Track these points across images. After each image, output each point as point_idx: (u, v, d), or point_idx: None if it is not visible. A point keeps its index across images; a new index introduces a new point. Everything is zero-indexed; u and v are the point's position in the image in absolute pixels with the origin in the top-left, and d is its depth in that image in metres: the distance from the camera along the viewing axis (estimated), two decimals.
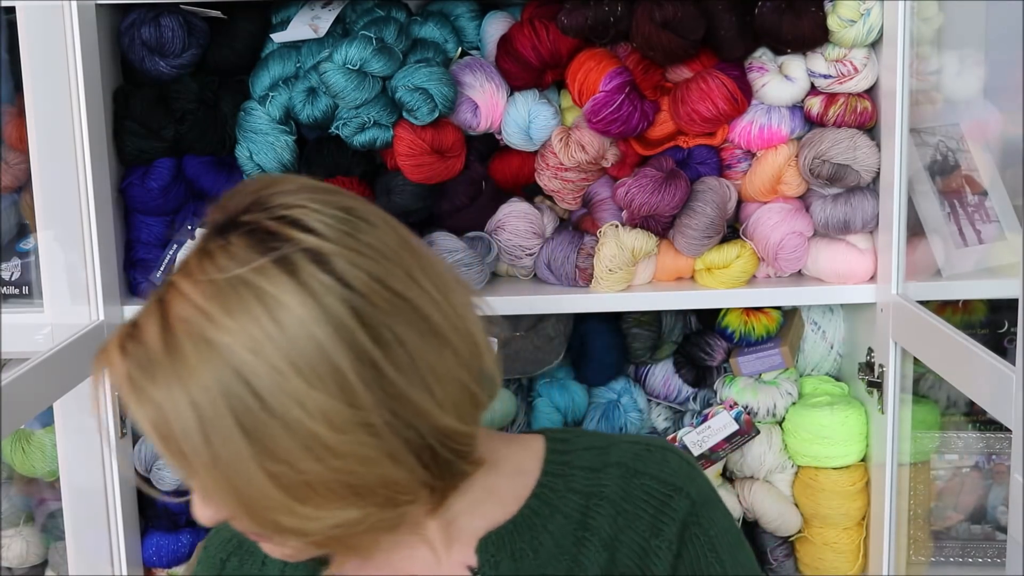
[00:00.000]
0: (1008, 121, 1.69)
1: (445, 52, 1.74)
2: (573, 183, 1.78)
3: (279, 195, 0.90)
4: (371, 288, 0.86)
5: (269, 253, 0.85)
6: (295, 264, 0.85)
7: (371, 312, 0.86)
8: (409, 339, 0.88)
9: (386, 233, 0.91)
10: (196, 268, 0.87)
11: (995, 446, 1.81)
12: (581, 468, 1.07)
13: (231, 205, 0.91)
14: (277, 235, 0.87)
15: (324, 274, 0.85)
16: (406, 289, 0.88)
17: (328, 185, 0.95)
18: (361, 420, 0.86)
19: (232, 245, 0.87)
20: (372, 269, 0.87)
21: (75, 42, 1.56)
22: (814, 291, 1.77)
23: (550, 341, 1.80)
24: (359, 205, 0.92)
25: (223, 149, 1.73)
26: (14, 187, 1.73)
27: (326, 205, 0.89)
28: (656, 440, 1.12)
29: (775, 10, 1.66)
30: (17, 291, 1.73)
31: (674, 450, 1.10)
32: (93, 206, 1.61)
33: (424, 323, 0.89)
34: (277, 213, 0.88)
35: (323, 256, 0.86)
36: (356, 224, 0.89)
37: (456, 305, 0.93)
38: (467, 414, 0.93)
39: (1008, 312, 1.70)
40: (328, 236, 0.87)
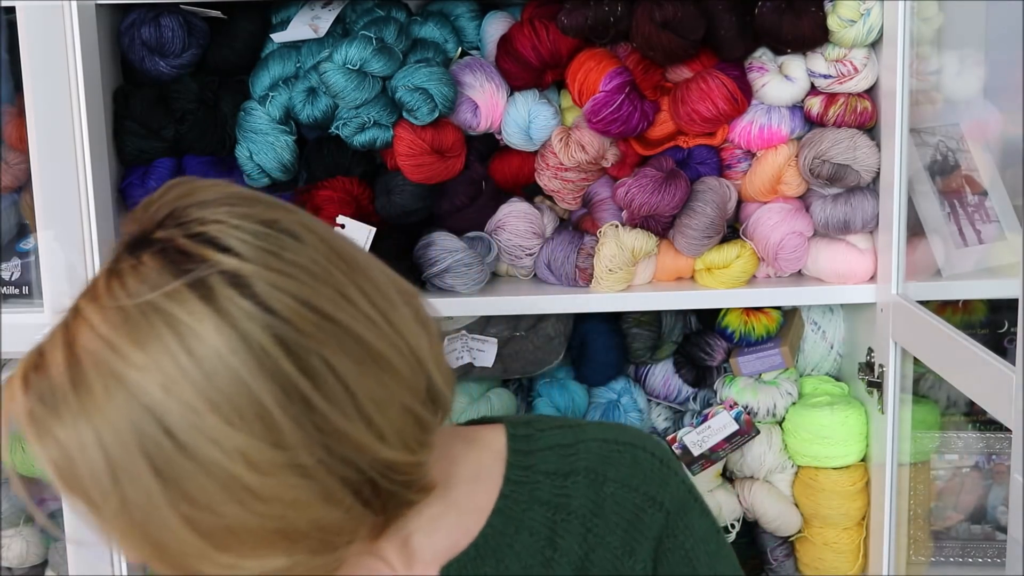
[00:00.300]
0: (1008, 121, 1.68)
1: (445, 52, 1.74)
2: (573, 183, 1.78)
3: (195, 208, 0.82)
4: (296, 312, 0.79)
5: (183, 276, 0.78)
6: (211, 288, 0.78)
7: (297, 339, 0.78)
8: (342, 367, 0.80)
9: (314, 248, 0.83)
10: (104, 291, 0.80)
11: (995, 446, 1.81)
12: (546, 474, 0.99)
13: (146, 217, 0.84)
14: (191, 255, 0.79)
15: (243, 299, 0.78)
16: (336, 310, 0.80)
17: (252, 193, 0.86)
18: (289, 461, 0.78)
19: (144, 266, 0.79)
20: (297, 291, 0.79)
21: (75, 42, 1.56)
22: (814, 291, 1.77)
23: (550, 341, 1.80)
24: (283, 216, 0.84)
25: (223, 149, 1.73)
26: (14, 187, 1.73)
27: (246, 219, 0.81)
28: (626, 433, 1.03)
29: (775, 10, 1.66)
30: (17, 291, 1.73)
31: (645, 446, 1.02)
32: (93, 206, 1.61)
33: (359, 347, 0.81)
34: (192, 230, 0.80)
35: (242, 279, 0.78)
36: (279, 240, 0.81)
37: (396, 321, 0.84)
38: (413, 440, 0.85)
39: (1008, 312, 1.70)
40: (247, 256, 0.79)
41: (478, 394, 1.84)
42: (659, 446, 1.03)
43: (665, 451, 1.03)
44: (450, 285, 1.74)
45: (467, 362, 1.77)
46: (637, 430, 1.06)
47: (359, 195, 1.74)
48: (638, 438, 1.03)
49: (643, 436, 1.04)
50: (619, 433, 1.03)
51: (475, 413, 1.81)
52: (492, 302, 1.74)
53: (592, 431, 1.03)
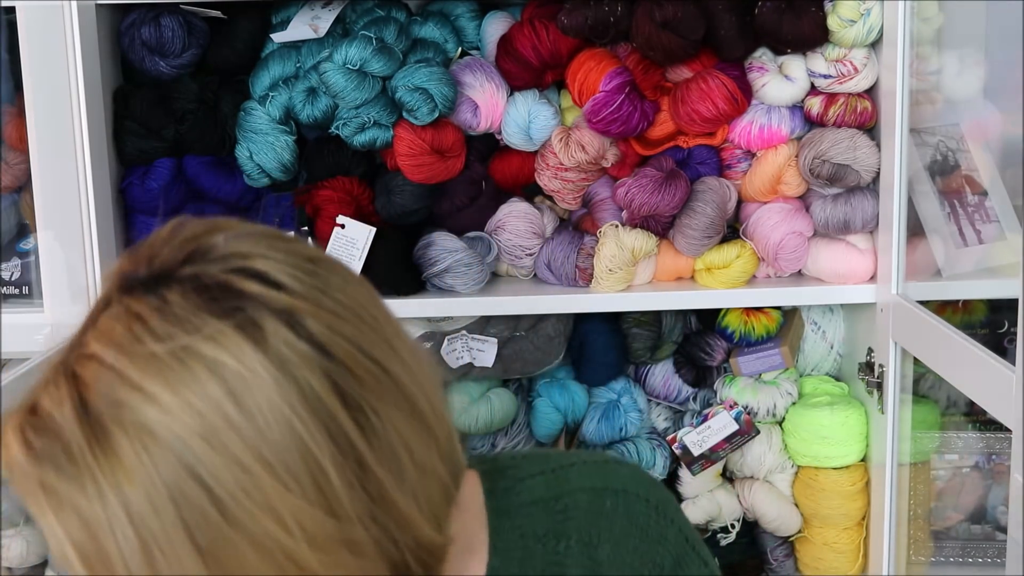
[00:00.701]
0: (1008, 121, 1.68)
1: (445, 52, 1.74)
2: (573, 183, 1.78)
3: (228, 241, 0.72)
4: (353, 358, 0.69)
5: (227, 315, 0.67)
6: (262, 328, 0.67)
7: (354, 388, 0.68)
8: (394, 423, 0.70)
9: (358, 290, 0.74)
10: (124, 335, 0.68)
11: (995, 446, 1.81)
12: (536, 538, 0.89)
13: (159, 257, 0.71)
14: (236, 291, 0.68)
15: (300, 340, 0.67)
16: (387, 359, 0.71)
17: (279, 231, 0.76)
18: (343, 535, 0.67)
19: (171, 305, 0.68)
20: (352, 334, 0.70)
21: (75, 42, 1.56)
22: (814, 291, 1.77)
23: (550, 341, 1.80)
24: (322, 255, 0.75)
25: (223, 149, 1.73)
26: (14, 187, 1.73)
27: (291, 254, 0.71)
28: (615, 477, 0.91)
29: (775, 10, 1.66)
30: (17, 291, 1.73)
31: (639, 492, 0.91)
32: (93, 206, 1.61)
33: (407, 403, 0.71)
34: (234, 264, 0.70)
35: (296, 318, 0.68)
36: (326, 278, 0.72)
37: (425, 377, 0.75)
38: (443, 519, 0.76)
39: (1008, 312, 1.70)
40: (300, 292, 0.69)
41: (478, 394, 1.84)
42: (652, 487, 0.93)
43: (659, 493, 0.93)
44: (450, 285, 1.74)
45: (467, 362, 1.77)
46: (625, 467, 0.94)
47: (359, 195, 1.74)
48: (629, 481, 0.92)
49: (633, 477, 0.93)
50: (607, 478, 0.91)
51: (475, 413, 1.81)
52: (492, 302, 1.74)
53: (577, 478, 0.91)
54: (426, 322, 1.79)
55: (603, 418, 1.85)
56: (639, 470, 0.96)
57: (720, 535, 1.89)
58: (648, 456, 1.85)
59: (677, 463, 1.86)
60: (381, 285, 1.72)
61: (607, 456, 0.96)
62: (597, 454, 0.97)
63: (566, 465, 0.92)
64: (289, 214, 1.75)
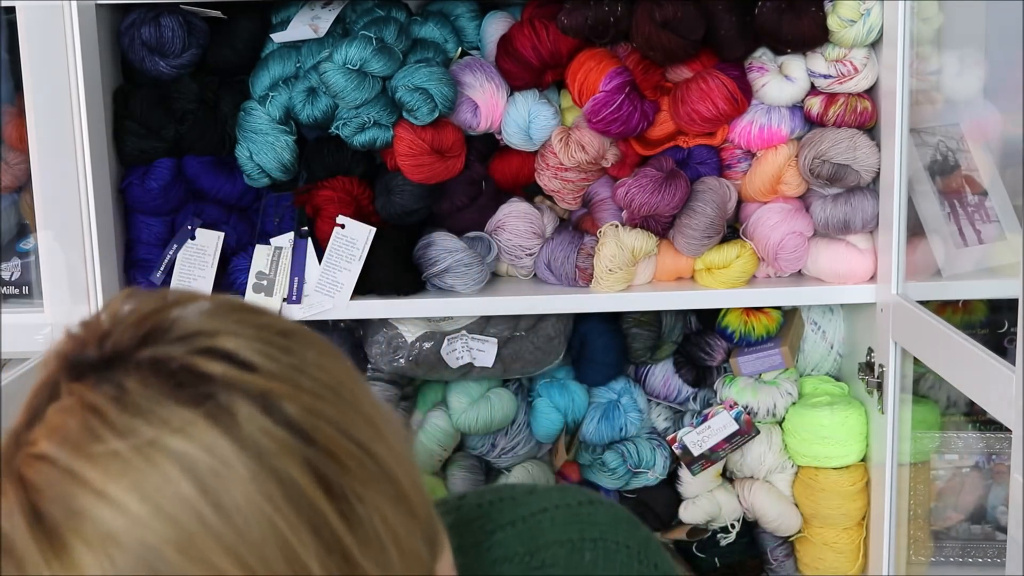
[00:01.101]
0: (1008, 121, 1.68)
1: (445, 52, 1.74)
2: (573, 183, 1.78)
3: (189, 317, 0.64)
4: (336, 442, 0.62)
5: (197, 402, 0.59)
6: (235, 415, 0.59)
7: (338, 476, 0.61)
8: (381, 510, 0.63)
9: (336, 364, 0.67)
10: (79, 431, 0.59)
11: (995, 446, 1.81)
12: None
13: (112, 337, 0.62)
14: (201, 374, 0.60)
15: (277, 426, 0.60)
16: (372, 441, 0.64)
17: (243, 301, 0.68)
18: None
19: (130, 394, 0.60)
20: (334, 415, 0.63)
21: (75, 42, 1.56)
22: (814, 291, 1.77)
23: (550, 341, 1.80)
24: (295, 327, 0.67)
25: (223, 149, 1.73)
26: (14, 187, 1.73)
27: (262, 329, 0.64)
28: (591, 526, 0.86)
29: (775, 10, 1.66)
30: (17, 291, 1.73)
31: (618, 538, 0.86)
32: (93, 206, 1.61)
33: (392, 487, 0.64)
34: (197, 344, 0.62)
35: (272, 401, 0.61)
36: (302, 354, 0.65)
37: (409, 456, 0.68)
38: None
39: (1008, 312, 1.70)
40: (275, 372, 0.62)
41: (478, 394, 1.84)
42: (631, 530, 0.88)
43: (638, 535, 0.88)
44: (450, 285, 1.74)
45: (467, 362, 1.77)
46: (601, 510, 0.88)
47: (359, 195, 1.74)
48: (608, 527, 0.86)
49: (610, 521, 0.87)
50: (583, 527, 0.86)
51: (475, 413, 1.81)
52: (492, 302, 1.74)
53: (551, 528, 0.85)
54: (426, 322, 1.79)
55: (603, 418, 1.85)
56: (616, 510, 0.90)
57: (720, 535, 1.89)
58: (648, 456, 1.85)
59: (677, 463, 1.87)
60: (381, 285, 1.72)
61: (579, 496, 0.89)
62: (569, 493, 0.90)
63: (537, 512, 0.87)
64: (289, 214, 1.75)
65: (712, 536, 1.89)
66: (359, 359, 1.82)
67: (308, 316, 1.72)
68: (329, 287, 1.71)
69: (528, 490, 0.91)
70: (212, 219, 1.74)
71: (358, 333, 1.84)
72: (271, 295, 1.71)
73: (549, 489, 0.91)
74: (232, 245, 1.75)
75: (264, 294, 1.71)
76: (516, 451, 1.86)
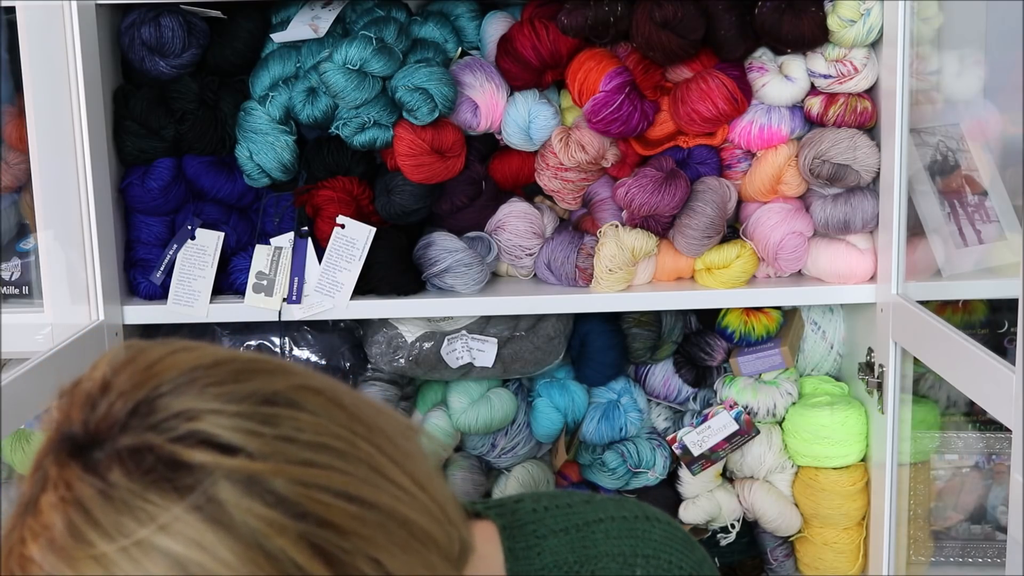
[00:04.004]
0: (1008, 121, 1.68)
1: (445, 52, 1.74)
2: (573, 183, 1.78)
3: (171, 395, 0.62)
4: (333, 508, 0.60)
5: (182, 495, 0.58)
6: (221, 503, 0.58)
7: (339, 544, 0.60)
8: (393, 563, 0.62)
9: (328, 415, 0.64)
10: (64, 533, 0.58)
11: (995, 446, 1.81)
12: None
13: (98, 412, 0.62)
14: (184, 464, 0.59)
15: (265, 507, 0.58)
16: (376, 493, 0.62)
17: (229, 355, 0.66)
18: None
19: (116, 488, 0.58)
20: (328, 481, 0.61)
21: (75, 42, 1.56)
22: (814, 291, 1.77)
23: (550, 341, 1.80)
24: (283, 384, 0.64)
25: (223, 149, 1.73)
26: (14, 187, 1.73)
27: (242, 401, 0.62)
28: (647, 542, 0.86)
29: (775, 10, 1.66)
30: (17, 291, 1.73)
31: (671, 559, 0.86)
32: (93, 206, 1.61)
33: (404, 530, 0.63)
34: (178, 431, 0.60)
35: (258, 481, 0.59)
36: (290, 419, 0.62)
37: (424, 480, 0.66)
38: None
39: (1008, 312, 1.70)
40: (258, 451, 0.60)
41: (478, 394, 1.84)
42: (686, 550, 0.87)
43: (692, 556, 0.87)
44: (450, 285, 1.74)
45: (467, 362, 1.77)
46: (657, 527, 0.87)
47: (359, 195, 1.74)
48: (661, 546, 0.86)
49: (665, 539, 0.86)
50: (637, 543, 0.85)
51: (475, 413, 1.81)
52: (492, 302, 1.74)
53: (604, 541, 0.85)
54: (426, 322, 1.79)
55: (603, 418, 1.85)
56: (672, 529, 0.88)
57: (720, 535, 1.89)
58: (648, 456, 1.85)
59: (677, 463, 1.87)
60: (381, 285, 1.72)
61: (636, 510, 0.88)
62: (626, 507, 0.88)
63: (592, 522, 0.86)
64: (289, 214, 1.75)
65: (712, 536, 1.89)
66: (359, 359, 1.82)
67: (308, 316, 1.72)
68: (329, 287, 1.71)
69: (585, 499, 0.90)
70: (212, 219, 1.74)
71: (358, 333, 1.84)
72: (271, 295, 1.71)
73: (606, 500, 0.90)
74: (232, 245, 1.75)
75: (264, 294, 1.71)
76: (516, 451, 1.86)
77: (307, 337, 1.80)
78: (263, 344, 1.79)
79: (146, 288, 1.73)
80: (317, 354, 1.80)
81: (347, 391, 0.68)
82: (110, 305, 1.66)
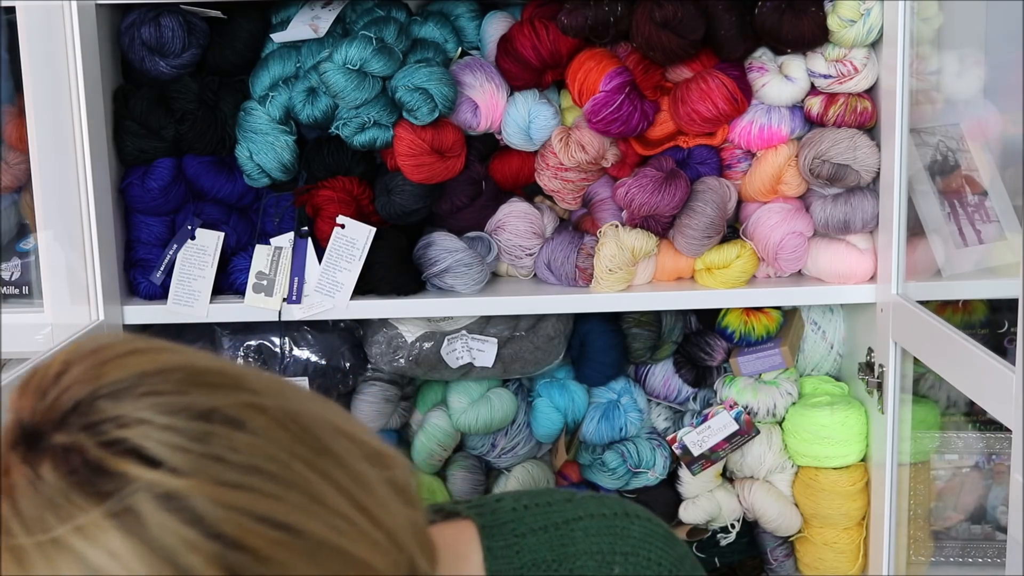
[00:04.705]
0: (1008, 121, 1.68)
1: (445, 52, 1.74)
2: (573, 183, 1.78)
3: (107, 399, 0.62)
4: (252, 532, 0.59)
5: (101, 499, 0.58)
6: (139, 515, 0.58)
7: (254, 567, 0.59)
8: None
9: (268, 437, 0.63)
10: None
11: (995, 446, 1.81)
12: None
13: (45, 401, 0.63)
14: (108, 472, 0.59)
15: (182, 525, 0.58)
16: (306, 520, 0.61)
17: (180, 364, 0.65)
18: None
19: (44, 482, 0.59)
20: (251, 505, 0.60)
21: (75, 42, 1.56)
22: (814, 291, 1.77)
23: (550, 341, 1.80)
24: (223, 401, 0.63)
25: (223, 149, 1.73)
26: (14, 187, 1.73)
27: (176, 415, 0.61)
28: (624, 539, 0.85)
29: (775, 10, 1.66)
30: (17, 291, 1.73)
31: (650, 555, 0.85)
32: (93, 206, 1.61)
33: (334, 558, 0.62)
34: (107, 435, 0.60)
35: (178, 499, 0.59)
36: (223, 437, 0.61)
37: (373, 509, 0.65)
38: None
39: (1008, 312, 1.70)
40: (182, 468, 0.59)
41: (478, 394, 1.84)
42: (665, 546, 0.87)
43: (672, 552, 0.87)
44: (450, 285, 1.74)
45: (467, 362, 1.77)
46: (636, 524, 0.87)
47: (359, 195, 1.74)
48: (640, 543, 0.86)
49: (644, 536, 0.86)
50: (616, 540, 0.85)
51: (475, 413, 1.81)
52: (492, 302, 1.74)
53: (583, 539, 0.85)
54: (426, 322, 1.79)
55: (603, 418, 1.85)
56: (652, 525, 0.88)
57: (720, 535, 1.89)
58: (648, 456, 1.85)
59: (677, 463, 1.87)
60: (381, 285, 1.72)
61: (615, 507, 0.88)
62: (606, 504, 0.88)
63: (572, 520, 0.86)
64: (289, 214, 1.75)
65: (712, 536, 1.89)
66: (359, 359, 1.82)
67: (308, 316, 1.72)
68: (329, 287, 1.71)
69: (567, 497, 0.89)
70: (212, 219, 1.74)
71: (358, 333, 1.84)
72: (271, 295, 1.71)
73: (587, 498, 0.90)
74: (232, 245, 1.75)
75: (264, 294, 1.71)
76: (516, 451, 1.86)
77: (307, 337, 1.80)
78: (263, 344, 1.80)
79: (146, 288, 1.73)
80: (317, 354, 1.80)
81: (306, 411, 0.66)
82: (110, 305, 1.66)
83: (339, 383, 1.81)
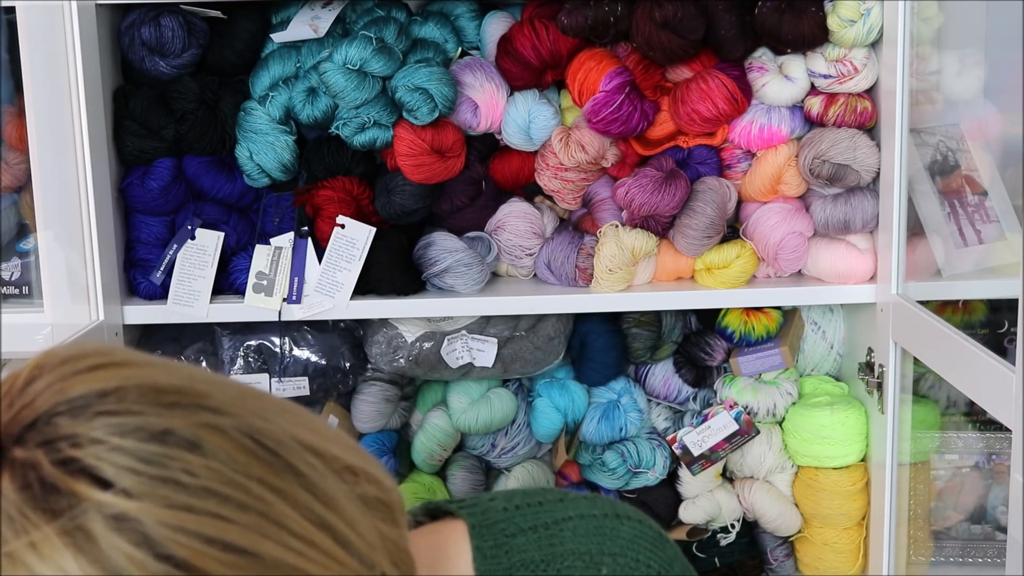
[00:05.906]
0: (1008, 121, 1.68)
1: (445, 52, 1.74)
2: (573, 183, 1.78)
3: (69, 416, 0.62)
4: (203, 555, 0.60)
5: (55, 516, 0.59)
6: (91, 533, 0.59)
7: None
8: None
9: (224, 459, 0.63)
10: None
11: (995, 446, 1.81)
12: None
13: (11, 410, 0.64)
14: (61, 489, 0.60)
15: (131, 546, 0.59)
16: (260, 542, 0.61)
17: (140, 381, 0.65)
18: None
19: (2, 496, 0.60)
20: (201, 527, 0.60)
21: (75, 42, 1.56)
22: (814, 291, 1.77)
23: (550, 341, 1.80)
24: (180, 422, 0.63)
25: (223, 149, 1.74)
26: (14, 187, 1.73)
27: (130, 436, 0.61)
28: (614, 540, 0.85)
29: (775, 10, 1.66)
30: (17, 291, 1.73)
31: (639, 556, 0.85)
32: (93, 206, 1.61)
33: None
34: (62, 454, 0.61)
35: (128, 520, 0.59)
36: (177, 459, 0.61)
37: (337, 528, 0.65)
38: None
39: (1008, 312, 1.70)
40: (133, 490, 0.60)
41: (478, 394, 1.84)
42: (655, 548, 0.86)
43: (662, 554, 0.87)
44: (450, 285, 1.74)
45: (467, 362, 1.77)
46: (626, 525, 0.87)
47: (359, 195, 1.74)
48: (629, 544, 0.85)
49: (634, 538, 0.86)
50: (604, 541, 0.85)
51: (475, 413, 1.81)
52: (492, 302, 1.74)
53: (572, 539, 0.85)
54: (426, 322, 1.79)
55: (603, 418, 1.85)
56: (642, 527, 0.88)
57: (720, 535, 1.89)
58: (648, 456, 1.85)
59: (677, 463, 1.87)
60: (381, 285, 1.72)
61: (606, 508, 0.88)
62: (597, 504, 0.88)
63: (561, 520, 0.86)
64: (289, 214, 1.75)
65: (712, 536, 1.89)
66: (359, 359, 1.82)
67: (308, 316, 1.72)
68: (329, 287, 1.71)
69: (558, 497, 0.89)
70: (212, 219, 1.74)
71: (358, 333, 1.84)
72: (271, 295, 1.71)
73: (579, 498, 0.90)
74: (232, 245, 1.75)
75: (264, 294, 1.71)
76: (516, 451, 1.86)
77: (307, 337, 1.80)
78: (263, 344, 1.80)
79: (146, 288, 1.73)
80: (317, 354, 1.80)
81: (270, 429, 0.66)
82: (110, 305, 1.66)
83: (339, 383, 1.81)
